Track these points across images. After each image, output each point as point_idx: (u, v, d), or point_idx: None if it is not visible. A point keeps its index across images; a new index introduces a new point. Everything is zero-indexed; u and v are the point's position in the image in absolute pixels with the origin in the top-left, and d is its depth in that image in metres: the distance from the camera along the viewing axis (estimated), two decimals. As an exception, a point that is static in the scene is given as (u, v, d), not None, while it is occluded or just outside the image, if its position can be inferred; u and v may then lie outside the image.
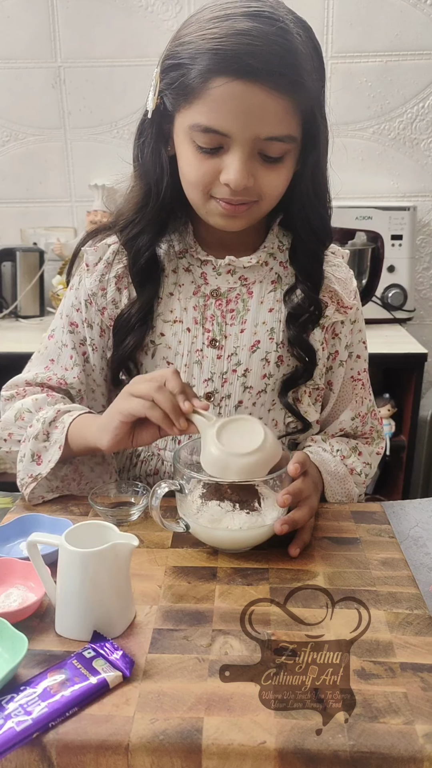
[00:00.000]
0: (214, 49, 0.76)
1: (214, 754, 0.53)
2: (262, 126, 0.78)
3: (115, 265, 0.96)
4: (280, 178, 0.85)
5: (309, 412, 0.98)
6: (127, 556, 0.66)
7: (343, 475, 0.95)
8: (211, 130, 0.79)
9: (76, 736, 0.54)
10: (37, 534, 0.67)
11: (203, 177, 0.83)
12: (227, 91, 0.77)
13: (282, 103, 0.78)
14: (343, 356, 1.00)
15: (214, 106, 0.78)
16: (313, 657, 0.60)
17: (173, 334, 0.95)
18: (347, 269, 1.00)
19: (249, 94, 0.76)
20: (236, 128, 0.78)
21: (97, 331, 0.98)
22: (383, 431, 1.09)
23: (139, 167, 0.91)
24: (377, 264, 2.01)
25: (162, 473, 0.99)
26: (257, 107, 0.77)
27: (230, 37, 0.76)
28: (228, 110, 0.78)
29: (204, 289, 0.95)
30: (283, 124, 0.80)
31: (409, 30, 2.03)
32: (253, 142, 0.79)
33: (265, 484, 0.82)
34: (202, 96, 0.78)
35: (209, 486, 0.80)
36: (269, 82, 0.76)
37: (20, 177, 2.20)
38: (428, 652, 0.63)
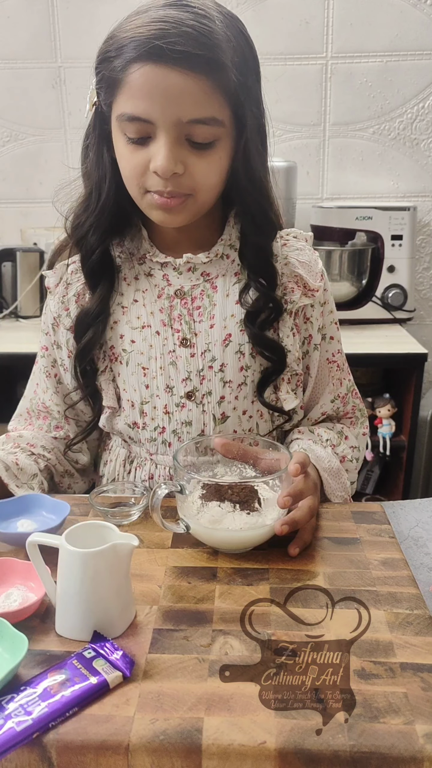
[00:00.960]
0: (132, 38, 0.78)
1: (214, 754, 0.53)
2: (181, 108, 0.78)
3: (75, 283, 0.99)
4: (211, 166, 0.84)
5: (288, 399, 0.98)
6: (127, 556, 0.66)
7: (337, 469, 0.96)
8: (134, 118, 0.80)
9: (76, 736, 0.54)
10: (37, 534, 0.68)
11: (134, 169, 0.84)
12: (143, 75, 0.78)
13: (199, 84, 0.78)
14: (317, 340, 0.99)
15: (134, 92, 0.79)
16: (313, 657, 0.60)
17: (143, 339, 0.96)
18: (311, 251, 0.99)
19: (164, 77, 0.77)
20: (156, 113, 0.79)
21: (65, 352, 1.00)
22: (365, 410, 1.09)
23: (84, 169, 0.93)
24: (377, 264, 2.01)
25: (157, 477, 1.00)
26: (174, 89, 0.78)
27: (146, 25, 0.78)
28: (146, 95, 0.79)
29: (168, 290, 0.96)
30: (203, 106, 0.79)
31: (409, 30, 2.03)
32: (176, 126, 0.80)
33: (265, 485, 0.83)
34: (123, 85, 0.80)
35: (209, 487, 0.80)
36: (183, 63, 0.77)
37: (20, 177, 2.20)
38: (428, 652, 0.63)
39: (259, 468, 0.86)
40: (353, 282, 2.01)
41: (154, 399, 0.96)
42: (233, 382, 0.95)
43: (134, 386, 0.97)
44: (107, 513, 0.86)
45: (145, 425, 0.98)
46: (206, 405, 0.96)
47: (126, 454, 1.03)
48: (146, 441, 0.99)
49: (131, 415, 0.98)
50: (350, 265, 1.99)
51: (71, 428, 1.04)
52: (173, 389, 0.96)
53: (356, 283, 2.01)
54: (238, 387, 0.95)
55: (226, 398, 0.95)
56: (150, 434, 0.98)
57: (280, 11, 2.03)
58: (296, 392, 0.99)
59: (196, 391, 0.95)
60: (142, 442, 0.99)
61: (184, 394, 0.95)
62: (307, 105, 2.10)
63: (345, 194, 2.17)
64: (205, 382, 0.95)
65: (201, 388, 0.95)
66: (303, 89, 2.09)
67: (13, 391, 1.97)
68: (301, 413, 1.02)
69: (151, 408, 0.97)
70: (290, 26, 2.04)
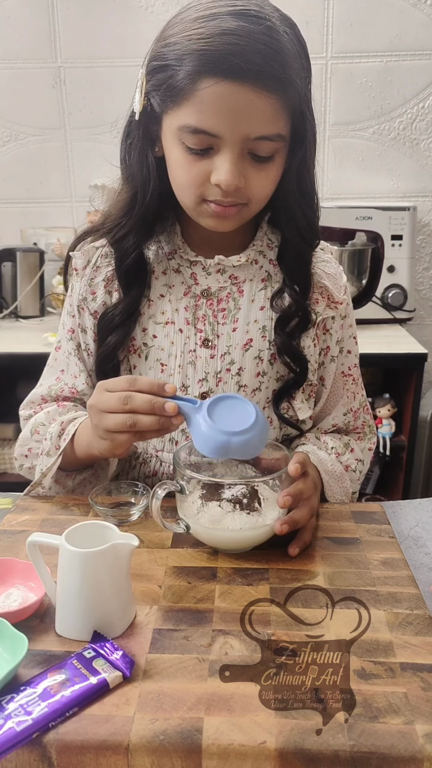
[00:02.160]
0: (201, 50, 0.76)
1: (214, 754, 0.53)
2: (251, 126, 0.78)
3: (104, 268, 0.97)
4: (269, 178, 0.85)
5: (302, 408, 0.98)
6: (127, 556, 0.66)
7: (339, 473, 0.96)
8: (200, 131, 0.79)
9: (76, 736, 0.54)
10: (37, 534, 0.68)
11: (194, 179, 0.83)
12: (215, 91, 0.77)
13: (270, 102, 0.78)
14: (334, 352, 1.00)
15: (203, 107, 0.78)
16: (313, 657, 0.60)
17: (165, 335, 0.95)
18: (336, 265, 1.00)
19: (237, 94, 0.77)
20: (225, 129, 0.78)
21: (90, 336, 0.98)
22: (375, 426, 1.10)
23: (126, 169, 0.92)
24: (377, 264, 2.01)
25: (161, 474, 1.00)
26: (246, 107, 0.77)
27: (216, 36, 0.76)
28: (217, 111, 0.78)
29: (194, 289, 0.95)
30: (272, 123, 0.80)
31: (409, 30, 2.03)
32: (243, 142, 0.80)
33: (265, 485, 0.83)
34: (190, 97, 0.78)
35: (209, 486, 0.80)
36: (257, 82, 0.76)
37: (20, 177, 2.20)
38: (428, 652, 0.63)
39: (259, 468, 0.86)
40: (353, 282, 2.01)
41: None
42: (248, 387, 0.95)
43: None
44: (107, 513, 0.86)
45: None
46: None
47: (132, 450, 1.03)
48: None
49: None
50: (350, 265, 1.99)
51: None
52: (188, 389, 0.95)
53: (356, 283, 2.01)
54: (252, 392, 0.95)
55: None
56: None
57: (280, 11, 2.03)
58: (309, 402, 1.00)
59: (211, 393, 0.95)
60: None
61: (199, 394, 0.95)
62: (307, 105, 2.10)
63: (345, 194, 2.17)
64: (221, 384, 0.95)
65: (216, 390, 0.95)
66: (303, 89, 2.09)
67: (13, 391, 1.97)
68: (309, 423, 1.02)
69: None
70: (290, 26, 2.04)
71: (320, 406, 1.02)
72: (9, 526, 0.86)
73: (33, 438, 0.97)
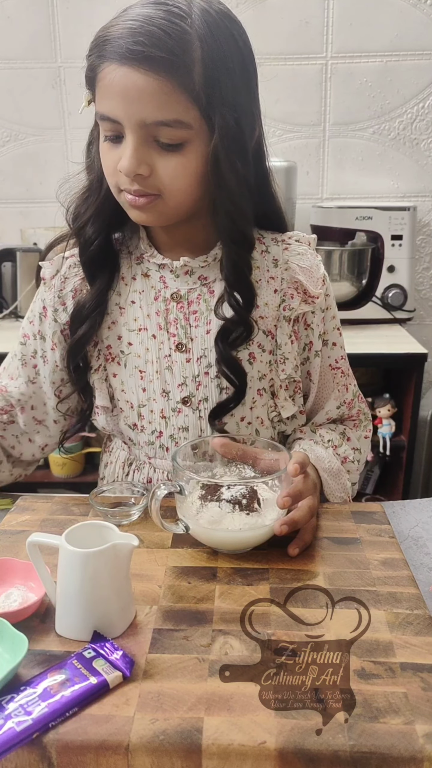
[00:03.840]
0: (103, 38, 0.78)
1: (214, 754, 0.53)
2: (144, 110, 0.78)
3: (72, 278, 0.97)
4: (179, 168, 0.81)
5: (286, 406, 0.97)
6: (127, 556, 0.66)
7: (337, 470, 0.95)
8: (105, 118, 0.81)
9: (76, 736, 0.54)
10: (37, 534, 0.68)
11: (109, 166, 0.84)
12: (110, 76, 0.78)
13: (161, 86, 0.76)
14: (318, 346, 0.98)
15: (104, 92, 0.79)
16: (313, 657, 0.60)
17: (140, 342, 0.95)
18: (313, 255, 0.96)
19: (127, 78, 0.77)
20: (122, 113, 0.79)
21: (49, 344, 0.99)
22: (370, 414, 1.09)
23: (87, 162, 0.93)
24: (377, 264, 2.01)
25: (156, 480, 0.99)
26: (136, 90, 0.77)
27: (119, 24, 0.77)
28: (113, 95, 0.78)
29: (164, 293, 0.94)
30: (166, 108, 0.78)
31: (409, 30, 2.03)
32: (141, 127, 0.79)
33: (264, 485, 0.83)
34: (96, 85, 0.81)
35: (209, 487, 0.80)
36: (144, 64, 0.76)
37: (20, 177, 2.20)
38: (428, 652, 0.63)
39: (258, 468, 0.86)
40: (353, 282, 2.01)
41: (151, 403, 0.96)
42: (230, 389, 0.93)
43: (132, 389, 0.96)
44: (107, 513, 0.86)
45: (143, 428, 0.97)
46: (203, 411, 0.94)
47: (126, 457, 1.03)
48: (145, 444, 0.98)
49: (131, 416, 0.98)
50: (350, 265, 1.99)
51: (23, 419, 1.02)
52: (169, 394, 0.95)
53: (356, 283, 2.01)
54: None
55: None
56: (148, 437, 0.98)
57: (280, 11, 2.03)
58: (294, 399, 0.98)
59: (192, 397, 0.94)
60: (141, 444, 0.99)
61: (180, 399, 0.95)
62: (306, 105, 2.10)
63: (345, 194, 2.17)
64: (201, 388, 0.94)
65: (197, 394, 0.94)
66: (303, 89, 2.09)
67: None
68: (301, 418, 1.01)
69: (149, 411, 0.96)
70: (290, 26, 2.04)
71: (311, 401, 1.01)
72: (9, 526, 0.86)
73: None
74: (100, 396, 0.98)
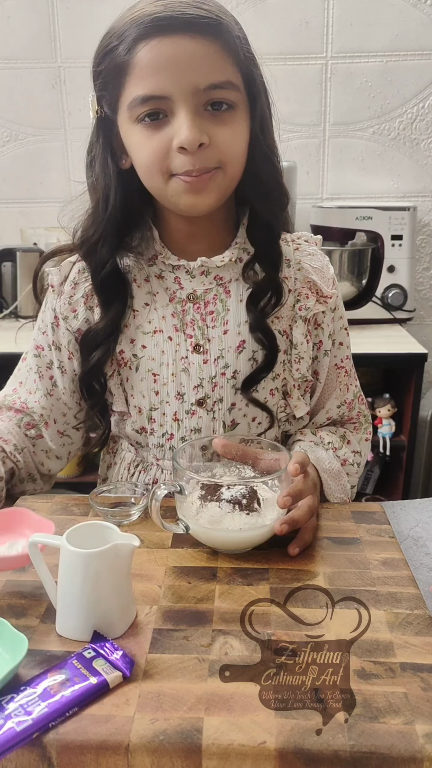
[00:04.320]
0: (134, 20, 0.78)
1: (214, 754, 0.53)
2: (196, 75, 0.77)
3: (82, 284, 0.95)
4: (235, 133, 0.82)
5: (299, 406, 0.97)
6: (128, 557, 0.66)
7: (337, 471, 0.95)
8: (149, 98, 0.79)
9: (76, 736, 0.54)
10: (38, 534, 0.68)
11: (155, 153, 0.81)
12: (153, 52, 0.77)
13: (209, 47, 0.77)
14: (327, 346, 0.99)
15: (146, 71, 0.78)
16: (313, 657, 0.60)
17: (155, 344, 0.93)
18: (322, 256, 0.98)
19: (174, 47, 0.76)
20: (172, 85, 0.78)
21: (65, 354, 0.97)
22: (370, 416, 1.09)
23: (91, 182, 0.91)
24: (377, 264, 2.01)
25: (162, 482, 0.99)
26: (186, 57, 0.77)
27: (147, 6, 0.78)
28: (158, 69, 0.77)
29: (180, 294, 0.93)
30: (217, 69, 0.78)
31: (409, 30, 2.03)
32: (195, 95, 0.78)
33: (264, 485, 0.83)
34: (132, 68, 0.79)
35: (209, 487, 0.80)
36: (190, 29, 0.76)
37: (20, 177, 2.20)
38: (428, 652, 0.63)
39: (258, 468, 0.86)
40: (353, 282, 2.01)
41: (163, 406, 0.95)
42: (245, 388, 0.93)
43: (143, 392, 0.95)
44: (107, 513, 0.86)
45: (153, 431, 0.97)
46: (217, 412, 0.94)
47: (132, 458, 1.03)
48: (153, 446, 0.98)
49: (138, 420, 0.97)
50: (350, 265, 1.99)
51: (49, 435, 0.99)
52: (184, 396, 0.94)
53: (356, 283, 2.01)
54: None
55: (237, 405, 0.94)
56: (158, 440, 0.97)
57: (280, 11, 2.03)
58: (305, 398, 0.99)
59: (208, 398, 0.94)
60: (149, 447, 0.99)
61: (195, 401, 0.94)
62: (307, 105, 2.10)
63: (345, 194, 2.17)
64: (216, 389, 0.94)
65: (212, 395, 0.94)
66: (303, 89, 2.09)
67: (13, 391, 1.97)
68: (306, 418, 1.02)
69: (160, 414, 0.95)
70: (290, 26, 2.04)
71: (315, 399, 1.02)
72: (9, 526, 0.86)
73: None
74: (118, 402, 0.97)
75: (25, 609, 0.69)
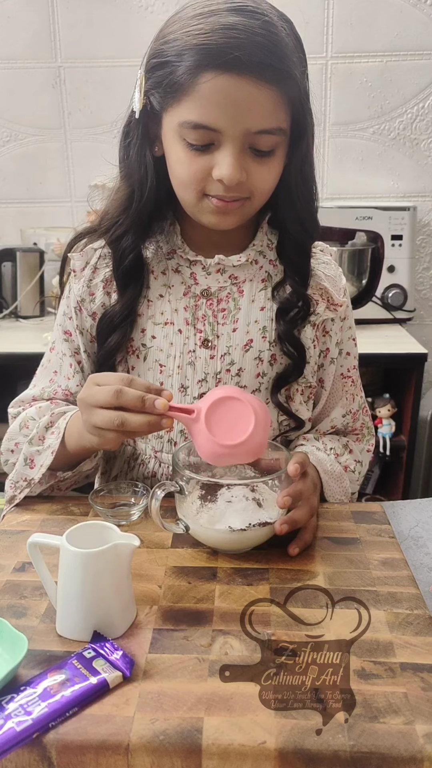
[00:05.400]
0: (201, 45, 0.77)
1: (214, 754, 0.53)
2: (252, 119, 0.79)
3: (102, 269, 0.96)
4: (271, 172, 0.85)
5: (301, 410, 0.98)
6: (128, 557, 0.66)
7: (339, 473, 0.96)
8: (201, 126, 0.79)
9: (76, 736, 0.54)
10: (38, 534, 0.68)
11: (195, 174, 0.83)
12: (216, 85, 0.77)
13: (270, 95, 0.78)
14: (334, 353, 1.00)
15: (204, 101, 0.78)
16: (313, 657, 0.60)
17: (164, 336, 0.95)
18: (336, 266, 1.00)
19: (237, 88, 0.77)
20: (226, 122, 0.79)
21: (87, 338, 0.98)
22: (373, 428, 1.10)
23: (125, 168, 0.92)
24: (377, 264, 2.01)
25: (160, 475, 0.99)
26: (246, 100, 0.77)
27: (216, 31, 0.76)
28: (217, 105, 0.78)
29: (194, 289, 0.95)
30: (272, 117, 0.80)
31: (409, 30, 2.03)
32: (244, 136, 0.80)
33: (264, 485, 0.83)
34: (190, 92, 0.79)
35: (209, 487, 0.80)
36: (257, 74, 0.76)
37: (20, 177, 2.20)
38: (428, 652, 0.63)
39: (258, 468, 0.86)
40: (353, 282, 2.01)
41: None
42: (248, 388, 0.94)
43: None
44: (107, 513, 0.86)
45: None
46: None
47: (131, 451, 1.03)
48: (152, 438, 0.98)
49: None
50: (350, 265, 1.99)
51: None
52: (188, 389, 0.95)
53: (356, 283, 2.01)
54: (251, 393, 0.95)
55: None
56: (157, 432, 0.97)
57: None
58: (307, 405, 0.99)
59: None
60: (148, 438, 0.99)
61: (198, 395, 0.95)
62: (307, 105, 2.10)
63: (345, 194, 2.17)
64: (220, 385, 0.95)
65: None
66: (303, 89, 2.09)
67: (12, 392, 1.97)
68: (308, 424, 1.02)
69: None
70: (290, 26, 2.04)
71: (319, 407, 1.02)
72: (9, 526, 0.86)
73: (21, 432, 0.95)
74: None
75: (25, 609, 0.69)
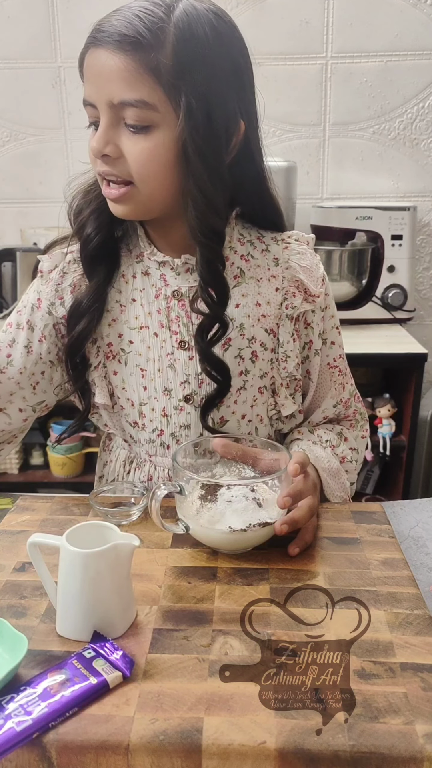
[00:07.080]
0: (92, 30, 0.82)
1: (214, 754, 0.53)
2: (111, 89, 0.79)
3: (71, 273, 0.96)
4: (144, 152, 0.81)
5: (286, 404, 0.97)
6: (128, 557, 0.66)
7: (336, 469, 0.96)
8: (86, 103, 0.83)
9: (76, 736, 0.54)
10: (38, 534, 0.68)
11: (90, 154, 0.85)
12: (88, 61, 0.81)
13: (125, 65, 0.78)
14: (318, 345, 0.98)
15: (85, 78, 0.83)
16: (313, 657, 0.60)
17: (141, 340, 0.94)
18: (312, 255, 0.97)
19: (97, 59, 0.79)
20: (95, 94, 0.81)
21: (37, 335, 0.97)
22: (366, 413, 1.09)
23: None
24: (377, 264, 2.01)
25: (156, 479, 0.99)
26: (105, 70, 0.79)
27: (105, 16, 0.82)
28: (88, 79, 0.82)
29: (165, 290, 0.94)
30: (130, 88, 0.78)
31: (409, 30, 2.03)
32: (110, 107, 0.80)
33: (264, 485, 0.83)
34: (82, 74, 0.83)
35: (208, 487, 0.80)
36: (111, 44, 0.78)
37: (20, 177, 2.20)
38: (428, 652, 0.63)
39: (258, 468, 0.86)
40: (353, 282, 2.01)
41: (152, 401, 0.96)
42: (232, 387, 0.93)
43: (133, 387, 0.96)
44: (107, 513, 0.86)
45: (144, 426, 0.97)
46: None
47: (126, 455, 1.03)
48: (145, 442, 0.99)
49: (131, 414, 0.98)
50: (350, 265, 1.99)
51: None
52: (171, 392, 0.95)
53: (356, 283, 2.02)
54: (237, 392, 0.94)
55: (225, 402, 0.94)
56: (149, 435, 0.98)
57: (280, 11, 2.03)
58: (294, 397, 0.99)
59: (195, 395, 0.94)
60: (141, 442, 0.99)
61: (183, 397, 0.95)
62: (306, 105, 2.11)
63: (345, 194, 2.17)
64: (203, 386, 0.94)
65: (200, 392, 0.94)
66: (303, 89, 2.09)
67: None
68: (299, 417, 1.02)
69: (149, 410, 0.96)
70: (290, 26, 2.04)
71: (309, 399, 1.01)
72: (9, 526, 0.86)
73: None
74: (100, 394, 0.97)
75: (25, 609, 0.69)
